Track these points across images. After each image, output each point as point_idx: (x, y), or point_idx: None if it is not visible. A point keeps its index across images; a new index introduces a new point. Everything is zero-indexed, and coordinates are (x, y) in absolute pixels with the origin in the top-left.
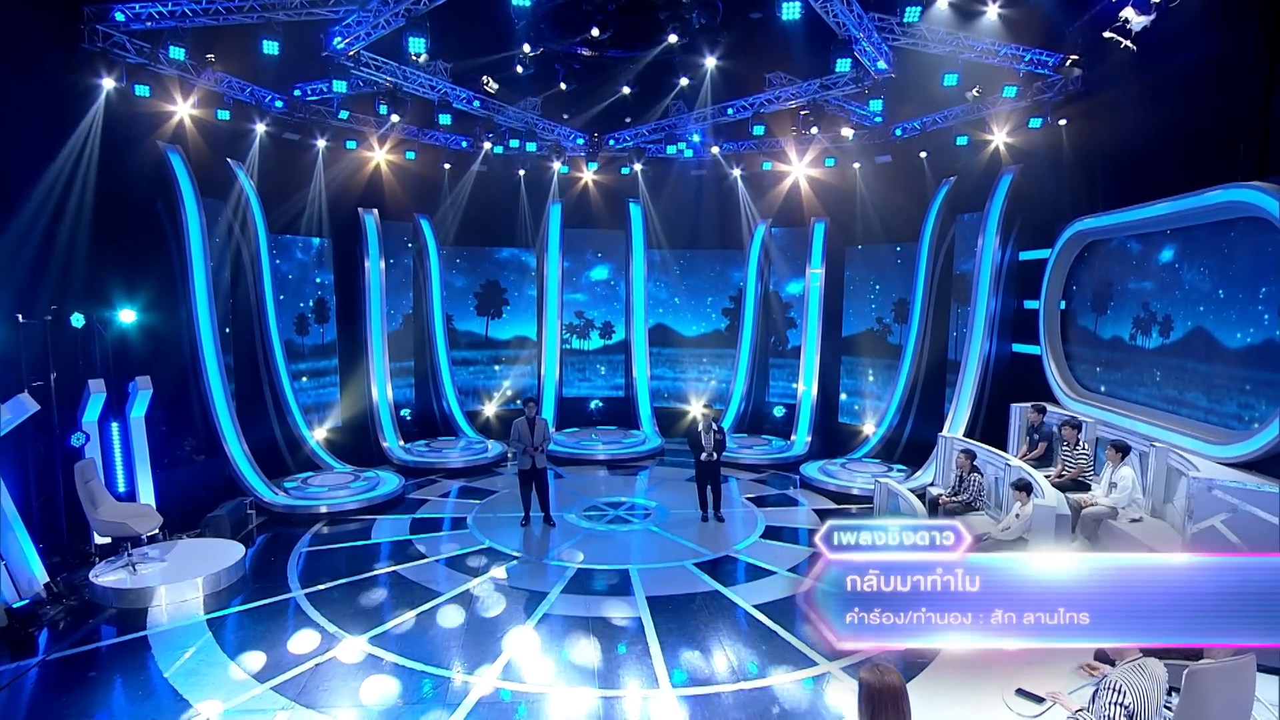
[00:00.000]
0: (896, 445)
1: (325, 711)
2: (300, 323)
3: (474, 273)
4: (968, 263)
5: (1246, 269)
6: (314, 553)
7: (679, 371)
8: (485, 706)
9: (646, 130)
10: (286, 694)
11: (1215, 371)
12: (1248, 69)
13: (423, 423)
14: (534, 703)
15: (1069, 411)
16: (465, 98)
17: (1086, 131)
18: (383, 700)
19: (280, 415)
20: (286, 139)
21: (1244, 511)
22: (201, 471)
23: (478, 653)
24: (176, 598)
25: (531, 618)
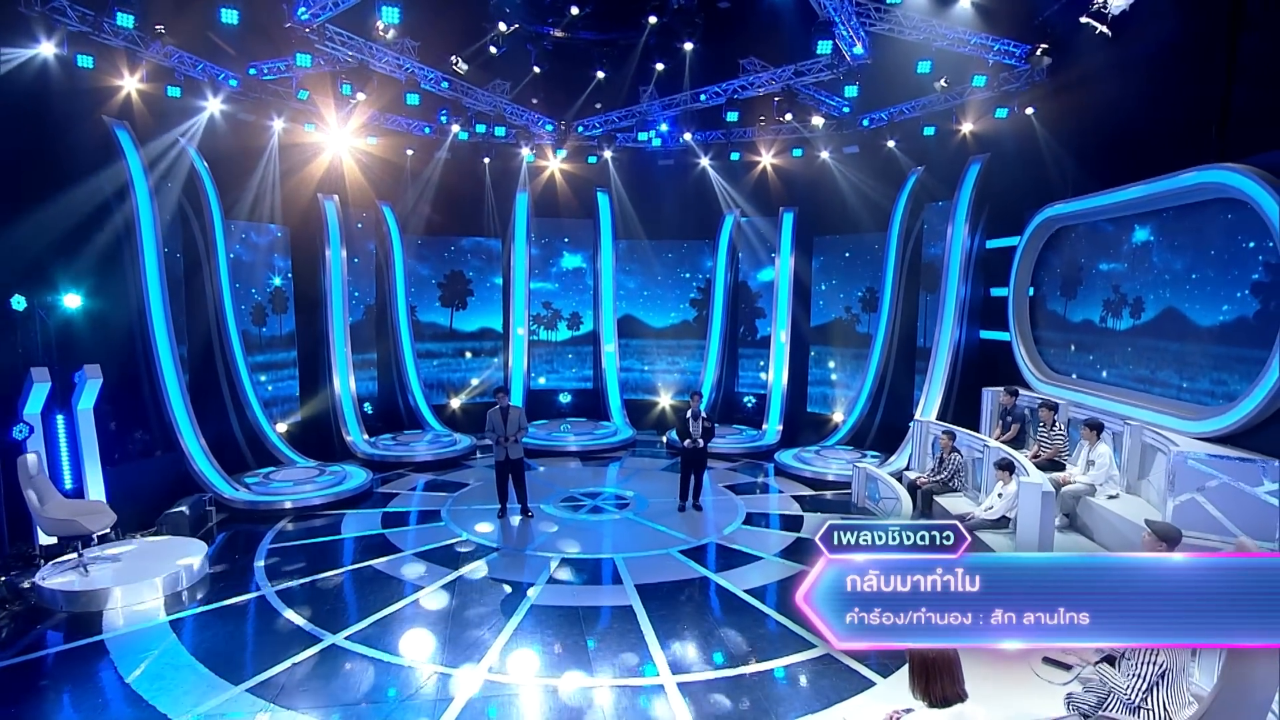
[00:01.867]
0: (868, 432)
1: (308, 712)
2: (257, 313)
3: (437, 262)
4: (936, 250)
5: (1217, 249)
6: (281, 549)
7: (647, 363)
8: (479, 700)
9: (616, 116)
10: (264, 696)
11: (1188, 350)
12: (1215, 54)
13: (386, 417)
14: (528, 694)
15: (1040, 395)
16: (434, 78)
17: (1054, 120)
18: (369, 698)
19: (239, 409)
20: (241, 119)
21: (1223, 483)
22: (155, 467)
23: (466, 646)
24: (134, 599)
25: (519, 609)
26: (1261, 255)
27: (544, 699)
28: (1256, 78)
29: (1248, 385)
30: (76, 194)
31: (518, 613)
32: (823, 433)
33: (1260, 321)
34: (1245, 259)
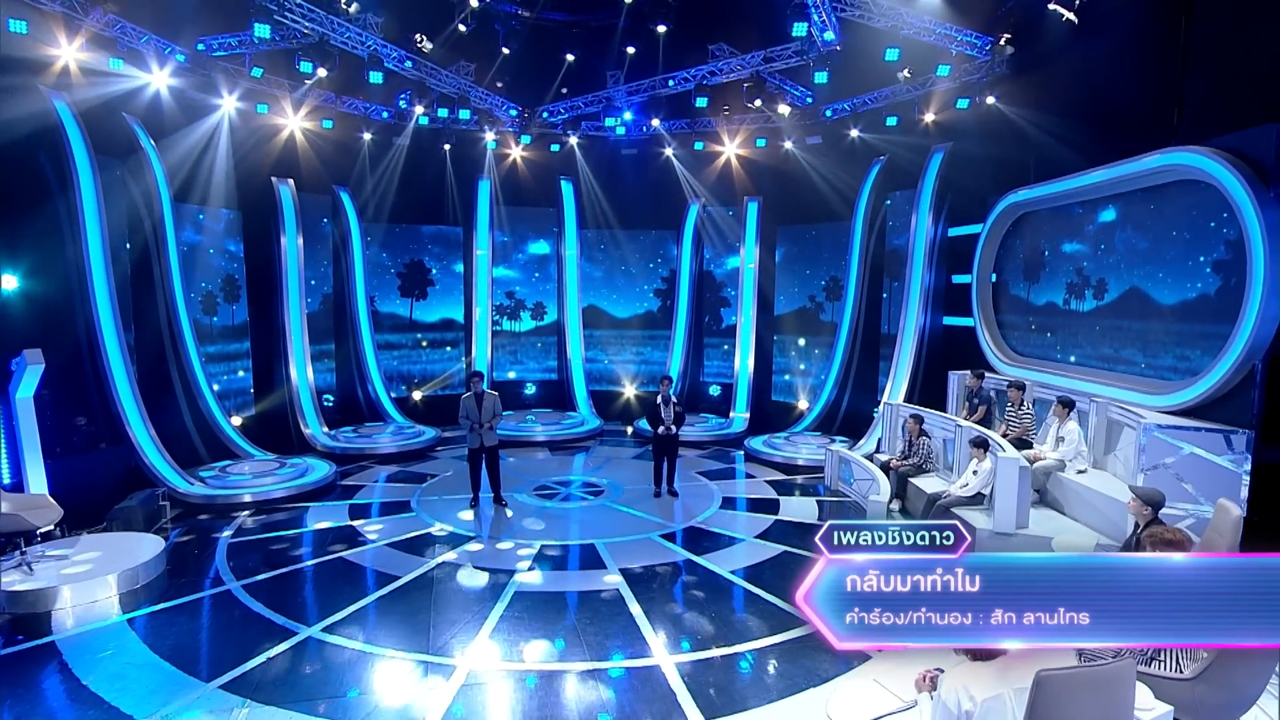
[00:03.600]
0: (835, 418)
1: (290, 708)
2: (208, 301)
3: (397, 251)
4: (899, 239)
5: (1180, 229)
6: (244, 543)
7: (611, 354)
8: (472, 686)
9: (583, 102)
10: (240, 692)
11: (1151, 328)
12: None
13: (346, 409)
14: (522, 679)
15: (1007, 376)
16: (397, 57)
17: (1016, 108)
18: (355, 690)
19: (191, 400)
20: (190, 97)
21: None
22: (101, 460)
23: (452, 633)
24: (85, 598)
25: (503, 595)
26: (1223, 232)
27: (539, 683)
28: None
29: (1211, 360)
30: (9, 168)
31: (502, 599)
32: (788, 420)
33: (1222, 298)
34: (1207, 238)
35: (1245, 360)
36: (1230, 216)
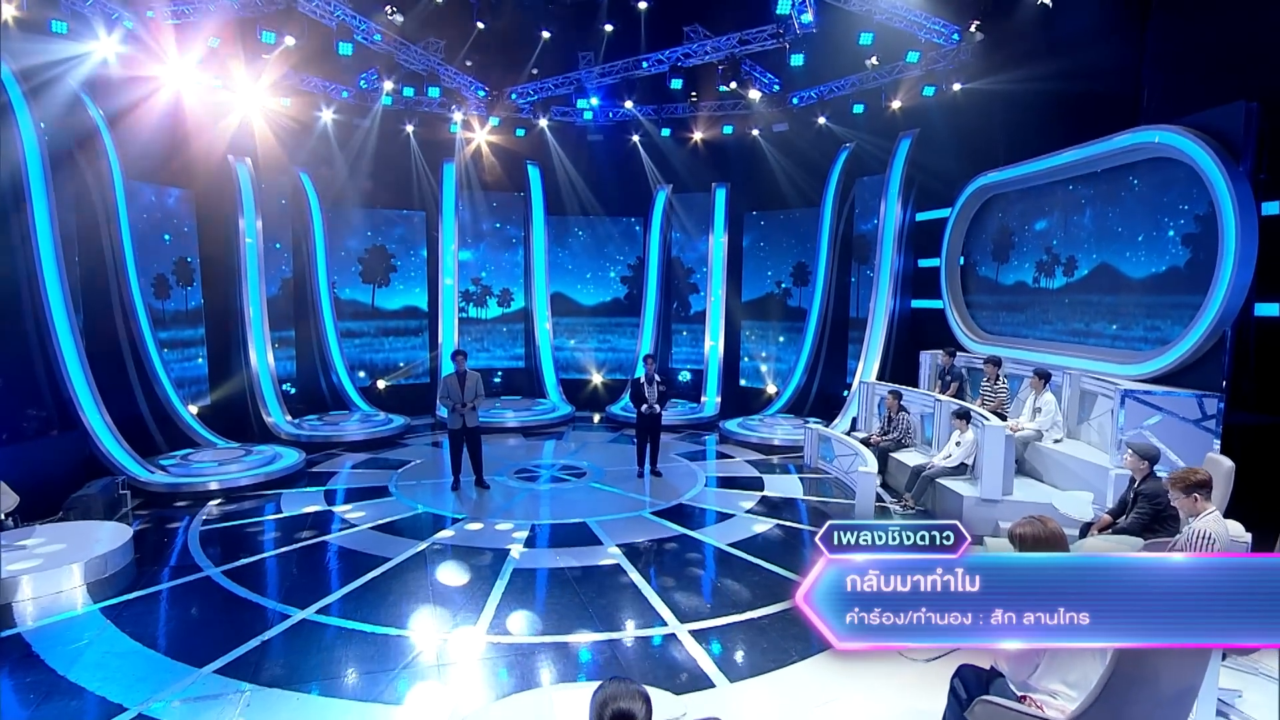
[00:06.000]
0: (806, 401)
1: (297, 689)
2: (159, 284)
3: (358, 236)
4: (867, 224)
5: (1148, 205)
6: (217, 530)
7: (578, 341)
8: (487, 660)
9: (553, 84)
10: (239, 675)
11: (1121, 301)
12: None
13: (308, 397)
14: (537, 652)
15: (978, 354)
16: (366, 29)
17: (984, 94)
18: (361, 669)
19: (146, 386)
20: (140, 68)
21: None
22: (52, 448)
23: (456, 610)
24: (48, 589)
25: (502, 573)
26: (1190, 207)
27: (555, 654)
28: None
29: (1181, 330)
30: None
31: (502, 576)
32: (757, 405)
33: (1191, 270)
34: (1175, 213)
35: (1216, 327)
36: (1199, 192)
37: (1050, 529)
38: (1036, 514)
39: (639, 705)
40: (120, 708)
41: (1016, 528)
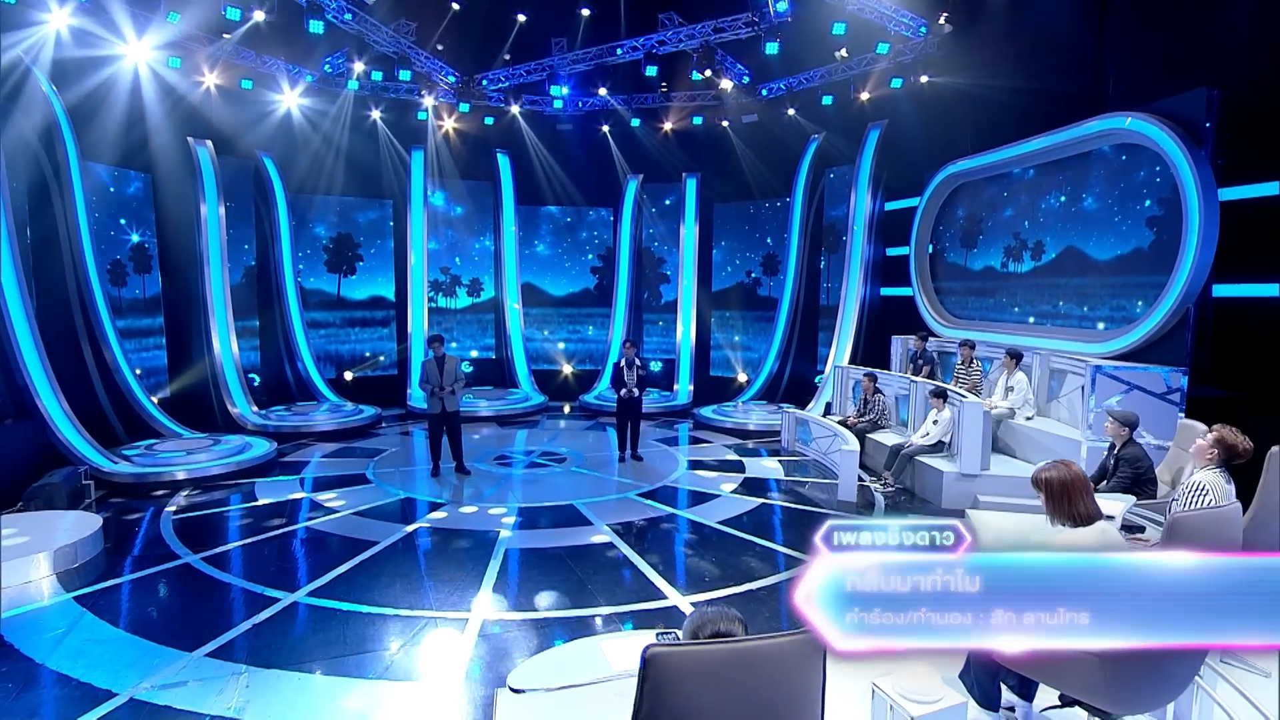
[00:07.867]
0: (778, 387)
1: (295, 669)
2: (115, 271)
3: (322, 224)
4: (836, 212)
5: (1114, 190)
6: (191, 519)
7: (548, 332)
8: (492, 637)
9: (525, 70)
10: (233, 658)
11: (1088, 283)
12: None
13: (273, 388)
14: (539, 627)
15: (949, 338)
16: (338, 7)
17: (953, 83)
18: (360, 649)
19: (105, 375)
20: (92, 42)
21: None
22: (9, 437)
23: (451, 589)
24: (15, 579)
25: (494, 554)
26: (1152, 191)
27: (559, 630)
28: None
29: (1146, 308)
30: None
31: (494, 557)
32: (729, 392)
33: (1155, 251)
34: (1139, 197)
35: (1180, 305)
36: (1162, 176)
37: (1074, 471)
38: (1060, 459)
39: (737, 627)
40: (109, 693)
41: (1041, 473)
